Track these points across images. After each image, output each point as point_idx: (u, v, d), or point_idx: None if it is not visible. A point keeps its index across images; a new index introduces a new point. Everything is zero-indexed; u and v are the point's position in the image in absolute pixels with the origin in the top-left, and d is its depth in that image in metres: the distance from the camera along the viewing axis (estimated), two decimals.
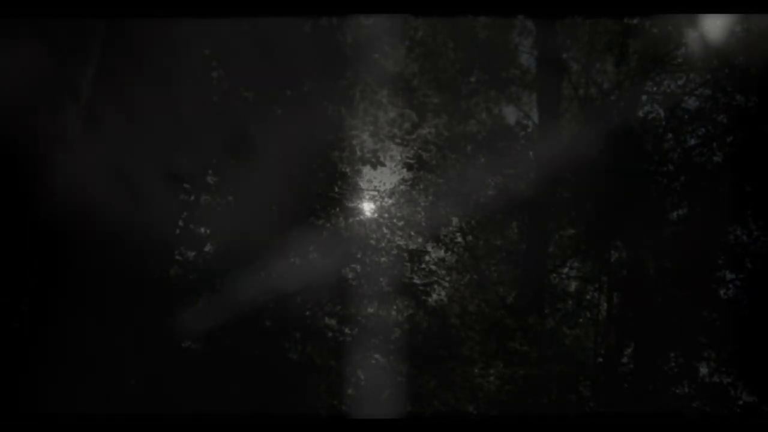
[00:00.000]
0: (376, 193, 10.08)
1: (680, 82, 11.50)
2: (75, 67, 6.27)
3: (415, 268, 9.55)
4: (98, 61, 6.40)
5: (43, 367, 6.17)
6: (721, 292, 9.99)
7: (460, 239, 11.20)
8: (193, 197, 8.36)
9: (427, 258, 9.85)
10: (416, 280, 9.40)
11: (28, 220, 6.33)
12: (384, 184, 10.32)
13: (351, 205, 9.17)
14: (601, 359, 10.11)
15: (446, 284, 10.86)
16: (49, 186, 6.28)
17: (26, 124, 6.10)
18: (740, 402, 9.39)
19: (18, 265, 6.16)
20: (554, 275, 11.21)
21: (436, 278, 9.76)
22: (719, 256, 10.03)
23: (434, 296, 9.87)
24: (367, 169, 9.45)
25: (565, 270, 11.34)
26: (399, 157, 9.93)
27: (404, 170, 10.18)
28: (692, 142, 10.74)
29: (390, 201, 9.96)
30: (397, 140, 9.40)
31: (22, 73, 5.72)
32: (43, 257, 6.33)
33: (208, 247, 8.52)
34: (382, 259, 9.22)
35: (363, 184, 9.76)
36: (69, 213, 6.24)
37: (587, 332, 10.67)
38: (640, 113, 11.11)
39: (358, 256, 9.11)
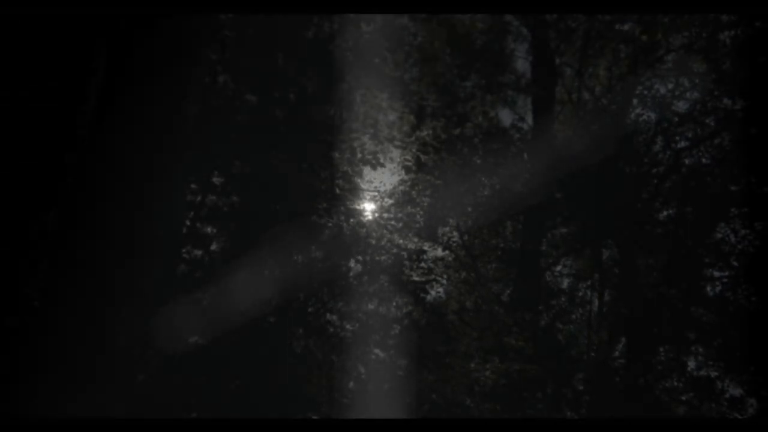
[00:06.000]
0: (376, 193, 10.22)
1: (670, 86, 11.74)
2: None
3: (414, 267, 9.65)
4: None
5: (45, 368, 6.27)
6: (709, 289, 10.26)
7: (457, 238, 11.41)
8: (199, 197, 8.51)
9: (425, 256, 9.97)
10: (415, 278, 9.50)
11: (36, 219, 6.51)
12: (384, 184, 10.46)
13: (352, 205, 9.29)
14: (593, 354, 10.36)
15: (444, 282, 11.02)
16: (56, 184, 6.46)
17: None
18: (727, 395, 9.66)
19: (24, 264, 6.30)
20: (548, 273, 11.42)
21: (434, 276, 9.86)
22: (707, 255, 10.29)
23: (432, 293, 10.02)
24: (367, 170, 9.57)
25: (559, 268, 11.57)
26: (398, 159, 10.06)
27: (403, 171, 10.29)
28: (681, 144, 11.00)
29: (390, 201, 10.07)
30: (397, 142, 9.53)
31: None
32: (51, 257, 6.44)
33: (214, 246, 8.68)
34: (382, 257, 9.31)
35: (363, 185, 9.88)
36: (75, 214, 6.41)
37: (580, 328, 10.90)
38: (632, 116, 11.37)
39: (359, 254, 9.23)
